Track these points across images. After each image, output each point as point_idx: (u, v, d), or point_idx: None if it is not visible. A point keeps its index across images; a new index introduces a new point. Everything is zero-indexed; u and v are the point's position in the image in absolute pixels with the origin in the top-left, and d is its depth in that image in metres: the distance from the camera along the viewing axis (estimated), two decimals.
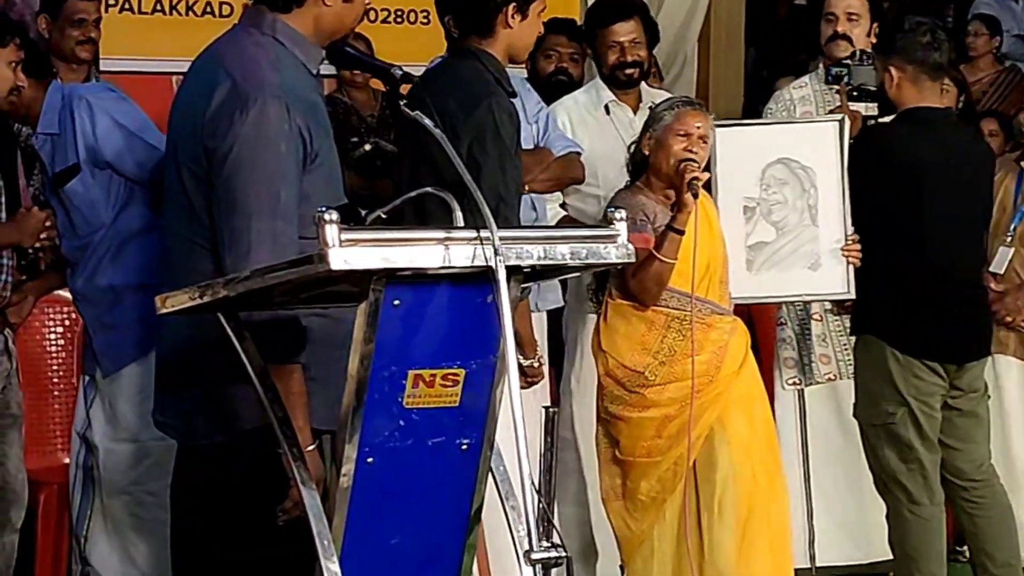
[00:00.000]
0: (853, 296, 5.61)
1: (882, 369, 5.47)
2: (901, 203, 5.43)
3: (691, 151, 4.96)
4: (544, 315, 5.67)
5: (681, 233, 4.89)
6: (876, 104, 5.80)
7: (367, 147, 6.42)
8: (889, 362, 5.45)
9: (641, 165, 5.10)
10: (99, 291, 4.94)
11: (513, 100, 4.58)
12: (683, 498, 4.95)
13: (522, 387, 4.57)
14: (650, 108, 5.47)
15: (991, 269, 6.56)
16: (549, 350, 5.59)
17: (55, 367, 5.54)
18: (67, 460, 5.49)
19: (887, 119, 5.74)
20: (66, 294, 5.51)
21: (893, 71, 5.45)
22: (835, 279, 5.47)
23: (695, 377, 4.96)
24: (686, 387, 4.95)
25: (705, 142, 5.05)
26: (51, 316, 5.54)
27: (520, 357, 4.49)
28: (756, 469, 5.03)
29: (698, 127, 5.01)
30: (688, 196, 4.88)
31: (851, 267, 5.46)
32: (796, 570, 6.30)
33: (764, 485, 5.03)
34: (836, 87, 5.94)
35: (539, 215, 5.63)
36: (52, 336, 5.54)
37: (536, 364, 4.55)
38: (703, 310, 5.02)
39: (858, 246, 5.45)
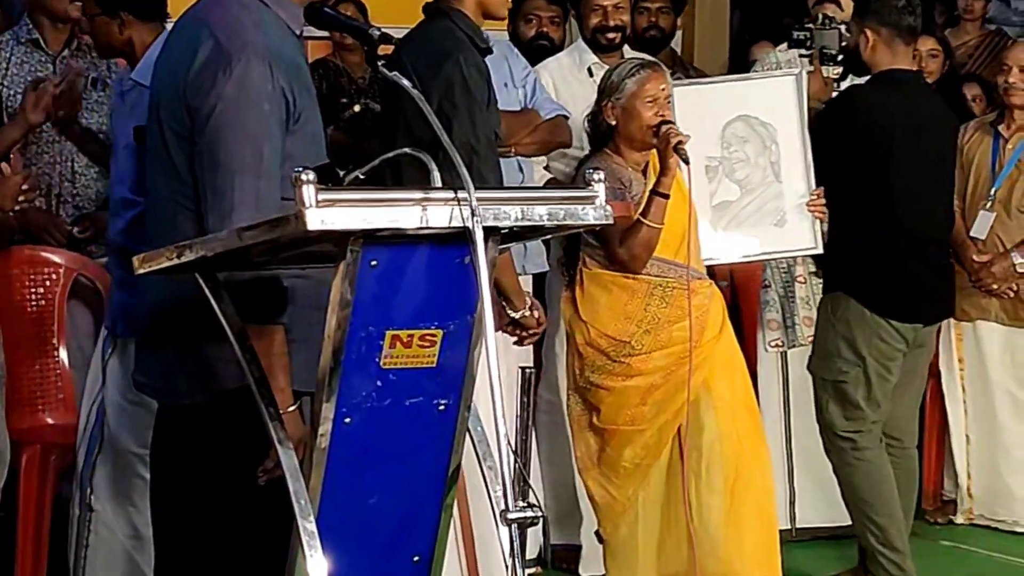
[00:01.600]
0: (821, 251, 5.63)
1: (846, 327, 5.49)
2: (874, 164, 5.44)
3: (662, 115, 4.97)
4: (530, 279, 5.68)
5: (666, 197, 4.90)
6: (840, 68, 5.80)
7: (356, 108, 6.44)
8: (854, 321, 5.47)
9: (606, 133, 5.09)
10: (124, 250, 4.84)
11: (491, 56, 4.57)
12: (668, 464, 4.97)
13: (523, 340, 4.58)
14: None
15: (972, 234, 6.58)
16: None
17: (37, 327, 5.53)
18: (50, 420, 5.49)
19: (860, 81, 5.75)
20: (48, 254, 5.52)
21: (868, 33, 5.46)
22: (802, 235, 5.49)
23: (680, 344, 4.97)
24: (671, 354, 4.96)
25: (670, 102, 5.07)
26: (32, 276, 5.52)
27: (510, 310, 4.49)
28: (741, 433, 5.05)
29: (663, 89, 5.03)
30: (674, 160, 4.88)
31: (817, 222, 5.47)
32: (780, 531, 6.38)
33: (748, 449, 5.06)
34: (804, 51, 5.92)
35: (525, 178, 5.64)
36: (33, 297, 5.52)
37: (528, 313, 4.55)
38: (683, 275, 5.03)
39: (823, 201, 5.47)
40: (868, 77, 5.64)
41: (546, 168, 5.95)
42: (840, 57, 5.73)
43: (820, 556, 6.31)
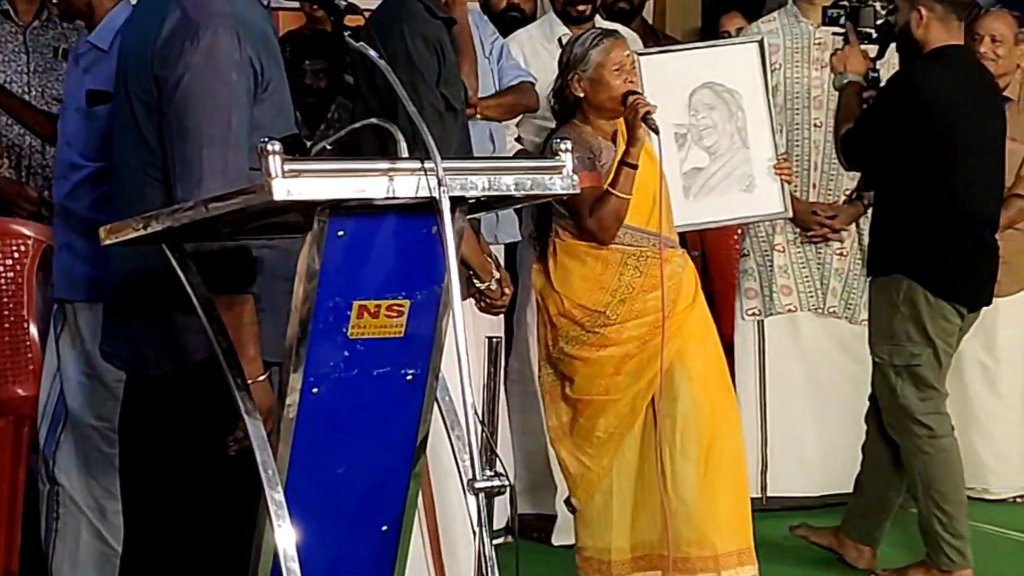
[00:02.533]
0: (790, 215, 5.67)
1: (911, 310, 5.48)
2: (936, 142, 5.42)
3: (630, 82, 4.98)
4: (502, 248, 5.68)
5: (634, 167, 4.90)
6: (876, 46, 5.79)
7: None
8: (920, 303, 5.46)
9: (572, 106, 5.09)
10: (79, 218, 4.82)
11: (454, 25, 4.57)
12: (642, 434, 4.98)
13: (490, 311, 4.59)
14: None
15: None
16: None
17: (6, 299, 5.51)
18: (21, 392, 5.48)
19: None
20: (17, 226, 5.50)
21: (922, 10, 5.41)
22: (771, 198, 5.52)
23: (654, 313, 4.98)
24: (645, 324, 4.97)
25: (635, 68, 5.08)
26: (1, 248, 5.50)
27: (476, 281, 4.50)
28: (714, 402, 5.06)
29: (627, 55, 5.03)
30: (642, 130, 4.89)
31: (785, 185, 5.49)
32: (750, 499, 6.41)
33: (721, 418, 5.07)
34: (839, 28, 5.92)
35: (497, 147, 5.64)
36: (2, 268, 5.50)
37: (495, 285, 4.55)
38: (656, 244, 5.04)
39: (789, 164, 5.49)
40: (902, 54, 5.61)
41: (517, 139, 5.96)
42: (876, 35, 5.72)
43: (786, 524, 6.31)
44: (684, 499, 4.99)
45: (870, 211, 6.45)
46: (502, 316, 5.32)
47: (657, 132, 4.88)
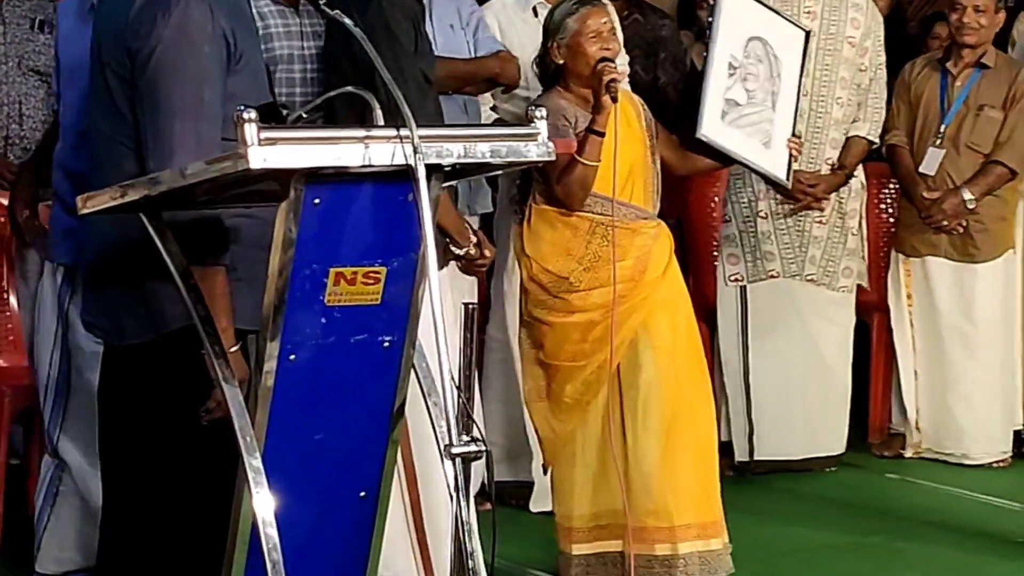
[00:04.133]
0: (789, 186, 5.69)
1: None
2: None
3: (607, 49, 4.97)
4: (477, 219, 5.69)
5: (601, 135, 4.88)
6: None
7: None
8: None
9: (555, 73, 5.10)
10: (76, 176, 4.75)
11: None
12: (606, 402, 4.98)
13: (473, 272, 4.60)
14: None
15: (921, 170, 6.62)
16: None
17: None
18: (1, 363, 5.48)
19: None
20: None
21: None
22: (779, 163, 5.55)
23: (620, 282, 4.98)
24: (610, 292, 4.97)
25: (615, 33, 5.07)
26: None
27: (455, 248, 4.51)
28: (680, 373, 5.05)
29: (604, 22, 5.02)
30: (607, 98, 4.88)
31: (792, 159, 5.53)
32: (738, 463, 6.45)
33: (688, 389, 5.06)
34: None
35: (470, 119, 5.64)
36: None
37: (473, 250, 4.56)
38: (627, 215, 5.04)
39: (801, 144, 5.53)
40: None
41: (493, 109, 5.95)
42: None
43: (778, 489, 6.39)
44: (644, 469, 4.99)
45: (851, 181, 6.49)
46: (476, 283, 5.33)
47: (615, 100, 4.87)
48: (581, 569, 5.08)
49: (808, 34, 5.73)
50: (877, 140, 6.52)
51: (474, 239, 4.49)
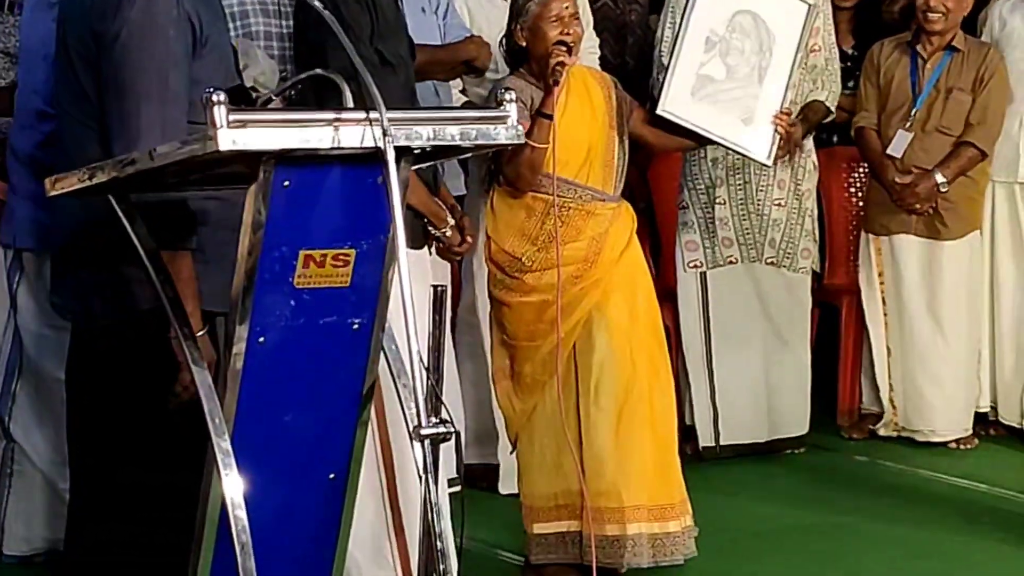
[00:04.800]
0: (769, 164, 5.67)
1: None
2: None
3: (567, 33, 4.97)
4: None
5: (549, 118, 4.87)
6: None
7: None
8: None
9: (520, 55, 5.10)
10: (40, 164, 4.64)
11: None
12: (557, 383, 4.99)
13: (449, 258, 4.61)
14: None
15: (889, 152, 6.64)
16: None
17: None
18: None
19: None
20: None
21: None
22: (760, 142, 5.51)
23: (573, 263, 5.00)
24: (565, 273, 4.98)
25: (577, 18, 5.07)
26: None
27: (432, 228, 4.51)
28: (636, 354, 5.05)
29: (566, 7, 5.01)
30: (552, 79, 4.89)
31: (777, 139, 5.50)
32: (704, 448, 6.48)
33: (645, 371, 5.06)
34: None
35: (442, 101, 5.64)
36: None
37: (450, 232, 4.56)
38: (583, 196, 5.04)
39: (789, 118, 5.50)
40: None
41: (462, 92, 5.96)
42: None
43: (739, 471, 6.41)
44: (595, 450, 5.00)
45: (805, 161, 6.48)
46: (448, 265, 5.34)
47: (556, 84, 4.87)
48: (542, 548, 5.10)
49: (811, 7, 5.71)
50: (833, 110, 6.51)
51: (452, 222, 4.49)
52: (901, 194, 6.59)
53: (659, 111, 5.31)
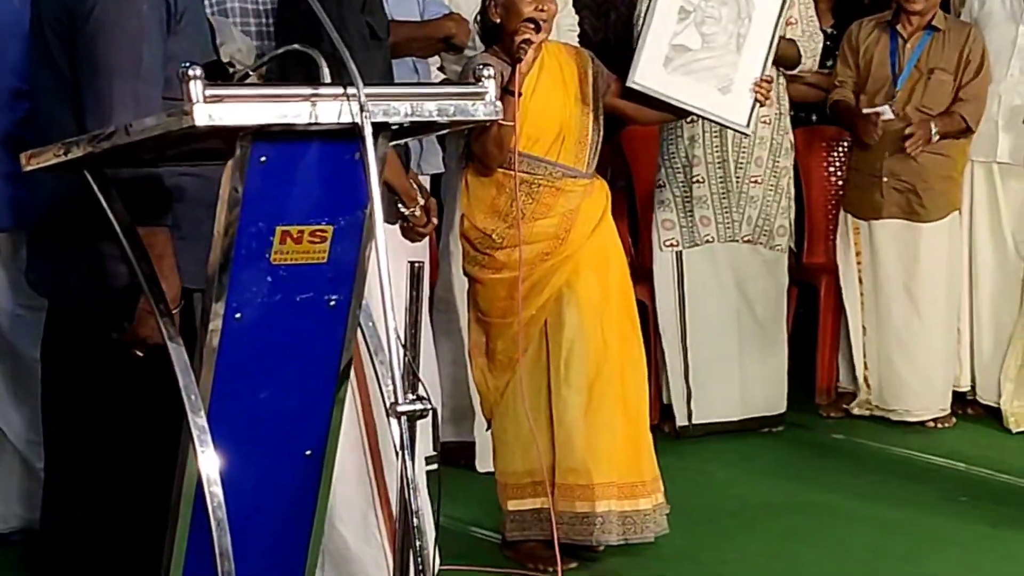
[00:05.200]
0: (748, 133, 5.62)
1: None
2: None
3: (541, 10, 4.94)
4: (428, 179, 5.68)
5: (513, 95, 4.85)
6: None
7: None
8: None
9: (494, 31, 5.07)
10: (17, 143, 4.71)
11: None
12: (535, 360, 4.99)
13: (412, 237, 4.62)
14: None
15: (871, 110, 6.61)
16: None
17: None
18: None
19: None
20: None
21: None
22: (739, 109, 5.43)
23: (543, 240, 4.99)
24: (535, 250, 4.97)
25: None
26: None
27: (402, 207, 4.51)
28: (607, 331, 5.03)
29: None
30: (517, 55, 4.87)
31: (757, 105, 5.46)
32: (680, 427, 6.48)
33: (616, 347, 5.04)
34: None
35: (421, 78, 5.62)
36: None
37: (419, 212, 4.56)
38: (554, 173, 5.02)
39: (770, 88, 5.46)
40: None
41: (440, 69, 5.94)
42: None
43: (717, 450, 6.42)
44: (565, 427, 4.99)
45: (782, 139, 6.48)
46: (426, 241, 5.33)
47: (518, 62, 4.83)
48: (516, 525, 5.09)
49: None
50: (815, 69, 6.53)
51: (422, 202, 4.48)
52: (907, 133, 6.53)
53: (629, 83, 5.25)
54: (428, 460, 5.35)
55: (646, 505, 5.06)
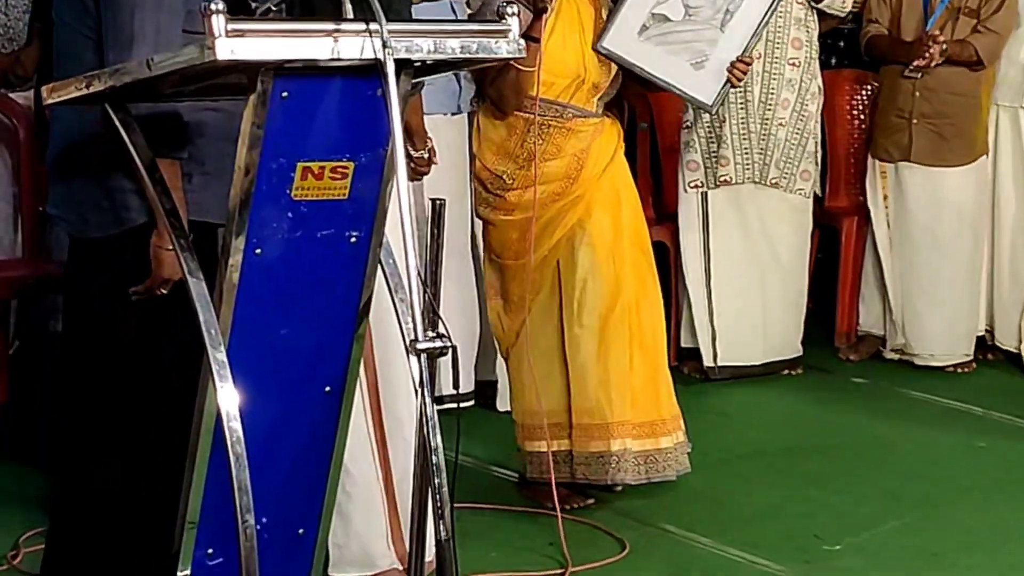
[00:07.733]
0: (712, 110, 5.52)
1: None
2: None
3: None
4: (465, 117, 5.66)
5: (536, 41, 4.82)
6: None
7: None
8: None
9: None
10: None
11: None
12: (549, 300, 4.99)
13: (410, 178, 4.60)
14: None
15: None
16: None
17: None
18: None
19: None
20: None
21: None
22: (707, 86, 5.33)
23: (554, 180, 4.98)
24: (544, 191, 4.97)
25: None
26: None
27: (410, 148, 4.50)
28: (620, 270, 5.01)
29: None
30: (541, 4, 4.83)
31: (728, 87, 5.38)
32: (707, 368, 6.48)
33: (631, 286, 5.02)
34: None
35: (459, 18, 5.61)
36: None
37: (425, 156, 4.55)
38: (565, 115, 4.99)
39: (746, 71, 5.38)
40: None
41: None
42: None
43: (739, 393, 6.43)
44: (580, 367, 4.99)
45: (810, 83, 6.44)
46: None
47: (541, 12, 4.80)
48: (535, 466, 5.09)
49: None
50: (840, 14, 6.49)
51: (430, 144, 4.47)
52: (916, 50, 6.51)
53: (597, 47, 5.09)
54: (448, 399, 5.38)
55: (667, 443, 5.05)
